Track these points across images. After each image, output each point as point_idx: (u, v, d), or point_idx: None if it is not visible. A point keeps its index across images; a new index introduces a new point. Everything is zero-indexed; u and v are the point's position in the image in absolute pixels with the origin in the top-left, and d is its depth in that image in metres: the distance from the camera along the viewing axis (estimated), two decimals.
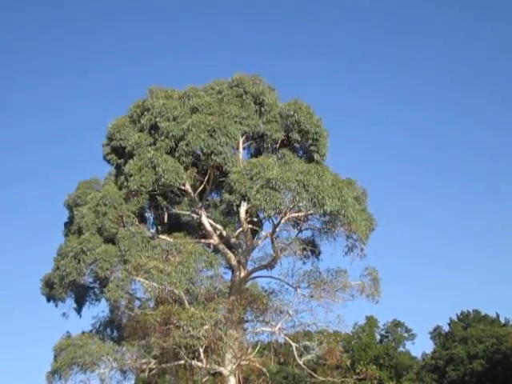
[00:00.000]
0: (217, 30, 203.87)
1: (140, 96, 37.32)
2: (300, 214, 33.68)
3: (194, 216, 37.25)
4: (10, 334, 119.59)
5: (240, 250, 37.28)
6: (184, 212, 38.38)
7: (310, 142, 36.84)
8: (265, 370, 35.71)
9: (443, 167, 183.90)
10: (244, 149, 37.64)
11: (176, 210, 38.57)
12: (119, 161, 36.29)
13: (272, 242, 34.37)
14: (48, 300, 39.59)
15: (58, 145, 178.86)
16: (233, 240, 37.55)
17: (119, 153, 36.43)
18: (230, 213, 39.43)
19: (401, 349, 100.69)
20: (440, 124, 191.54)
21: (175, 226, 38.72)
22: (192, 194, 35.76)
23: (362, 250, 35.44)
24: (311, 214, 33.88)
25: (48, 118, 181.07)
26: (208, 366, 34.05)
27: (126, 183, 34.31)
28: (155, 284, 32.32)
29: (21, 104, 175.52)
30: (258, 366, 35.24)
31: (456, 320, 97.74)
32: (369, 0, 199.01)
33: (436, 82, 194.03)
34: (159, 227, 38.25)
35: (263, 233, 37.32)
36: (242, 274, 36.45)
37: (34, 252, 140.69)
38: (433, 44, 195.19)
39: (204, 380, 34.58)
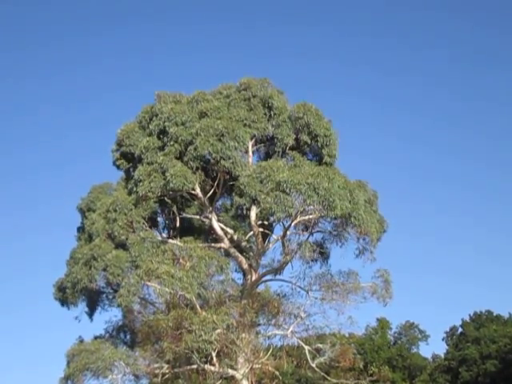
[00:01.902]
0: (222, 33, 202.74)
1: (147, 101, 37.55)
2: (311, 217, 33.60)
3: (205, 220, 37.29)
4: (21, 338, 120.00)
5: (251, 253, 37.34)
6: (195, 216, 38.47)
7: (320, 144, 36.77)
8: (278, 373, 35.74)
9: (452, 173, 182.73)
10: (253, 152, 37.57)
11: (187, 215, 38.63)
12: (128, 166, 36.45)
13: (283, 245, 34.39)
14: (61, 304, 39.67)
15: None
16: (244, 244, 37.57)
17: (128, 158, 36.57)
18: (241, 216, 39.52)
19: (414, 350, 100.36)
20: (446, 132, 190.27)
21: (186, 230, 38.73)
22: (202, 199, 35.76)
23: (372, 252, 35.54)
24: (322, 217, 33.88)
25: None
26: (221, 369, 34.07)
27: (135, 189, 34.40)
28: (167, 289, 32.43)
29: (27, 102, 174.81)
30: (270, 369, 35.26)
31: (468, 321, 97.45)
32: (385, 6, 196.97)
33: (451, 92, 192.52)
34: (170, 231, 38.27)
35: (274, 236, 37.36)
36: (254, 278, 36.45)
37: (47, 252, 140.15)
38: (452, 55, 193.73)
39: None
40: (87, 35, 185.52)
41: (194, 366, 34.46)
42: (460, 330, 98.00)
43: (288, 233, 34.43)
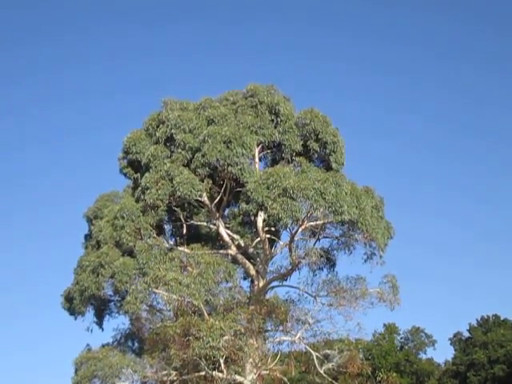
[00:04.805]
0: (226, 36, 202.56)
1: (152, 108, 37.65)
2: (318, 223, 33.71)
3: (212, 227, 37.33)
4: (30, 346, 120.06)
5: (258, 259, 37.33)
6: (202, 223, 38.49)
7: (327, 151, 36.84)
8: (285, 379, 35.67)
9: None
10: (260, 159, 37.68)
11: (194, 222, 38.67)
12: (136, 174, 36.46)
13: (290, 251, 34.41)
14: (69, 314, 39.69)
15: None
16: (251, 250, 37.58)
17: (135, 166, 36.58)
18: (248, 223, 39.57)
19: (421, 355, 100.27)
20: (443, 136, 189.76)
21: (193, 237, 38.76)
22: (209, 206, 35.80)
23: (380, 257, 35.59)
24: (329, 223, 33.96)
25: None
26: (229, 376, 33.92)
27: (142, 196, 34.40)
28: (174, 296, 32.46)
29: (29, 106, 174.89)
30: (278, 375, 35.20)
31: (476, 325, 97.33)
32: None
33: (460, 98, 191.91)
34: (178, 239, 38.28)
35: (281, 242, 37.37)
36: (261, 284, 36.49)
37: (58, 259, 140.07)
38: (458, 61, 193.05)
39: None
40: (92, 39, 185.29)
41: (202, 373, 34.32)
42: (467, 334, 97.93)
43: (295, 239, 34.47)
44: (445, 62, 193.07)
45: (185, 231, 38.16)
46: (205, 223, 38.14)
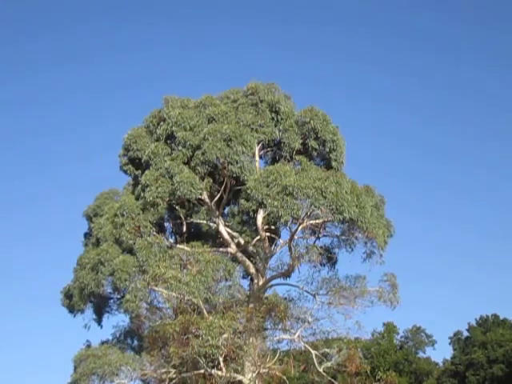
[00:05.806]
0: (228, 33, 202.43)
1: (154, 106, 37.58)
2: (318, 222, 33.69)
3: (212, 225, 37.27)
4: (29, 343, 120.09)
5: (258, 258, 37.29)
6: (202, 221, 38.48)
7: (327, 149, 36.78)
8: (285, 377, 35.65)
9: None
10: (260, 157, 37.60)
11: (194, 220, 38.65)
12: (136, 172, 36.42)
13: (290, 249, 34.36)
14: (69, 311, 39.66)
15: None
16: (250, 248, 37.55)
17: (136, 163, 36.54)
18: (248, 221, 39.48)
19: (421, 354, 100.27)
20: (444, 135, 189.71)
21: (194, 235, 38.70)
22: (209, 204, 35.75)
23: (380, 256, 35.54)
24: (329, 221, 33.92)
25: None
26: (228, 374, 33.92)
27: (142, 194, 34.36)
28: (174, 294, 32.42)
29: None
30: (277, 373, 35.21)
31: (475, 325, 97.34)
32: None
33: (462, 99, 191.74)
34: (177, 237, 38.21)
35: (281, 240, 37.33)
36: (261, 282, 36.46)
37: (57, 256, 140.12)
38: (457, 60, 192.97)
39: None
40: (93, 35, 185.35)
41: (201, 371, 34.28)
42: (466, 334, 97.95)
43: (295, 237, 34.39)
44: (446, 62, 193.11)
45: (185, 229, 38.10)
46: (205, 221, 38.14)
